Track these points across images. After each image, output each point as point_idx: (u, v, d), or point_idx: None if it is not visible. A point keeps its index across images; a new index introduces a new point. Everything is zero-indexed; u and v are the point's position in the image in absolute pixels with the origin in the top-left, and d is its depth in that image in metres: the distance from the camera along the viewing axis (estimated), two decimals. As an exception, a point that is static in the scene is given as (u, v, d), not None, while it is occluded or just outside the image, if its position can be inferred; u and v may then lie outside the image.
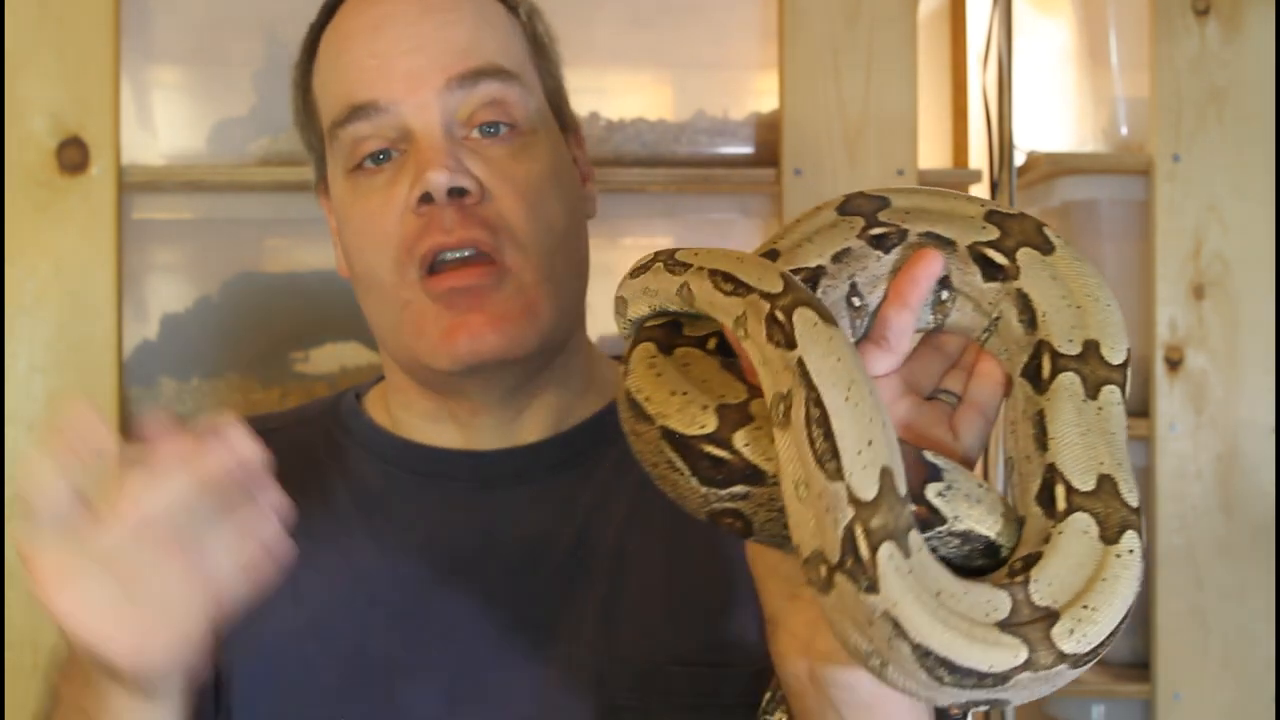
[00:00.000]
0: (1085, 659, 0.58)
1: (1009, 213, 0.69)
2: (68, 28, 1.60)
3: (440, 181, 0.87)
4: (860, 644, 0.57)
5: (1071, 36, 1.97)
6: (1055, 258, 0.66)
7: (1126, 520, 0.59)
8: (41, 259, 1.60)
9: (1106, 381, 0.63)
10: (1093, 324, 0.65)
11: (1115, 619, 0.58)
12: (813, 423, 0.57)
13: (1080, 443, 0.61)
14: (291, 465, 0.98)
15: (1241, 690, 1.75)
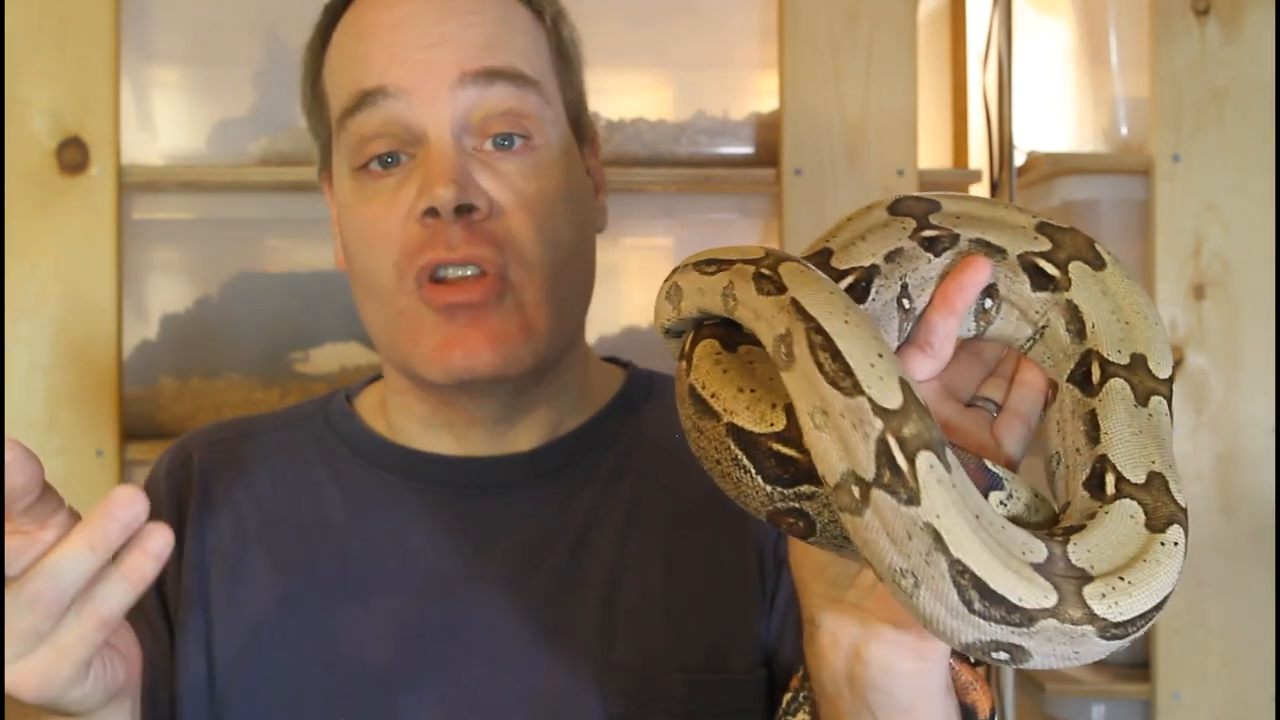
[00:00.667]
0: (1113, 630, 0.56)
1: (1061, 226, 0.69)
2: (68, 28, 1.60)
3: (448, 198, 0.85)
4: (896, 562, 0.55)
5: (1071, 36, 1.97)
6: (1106, 273, 0.67)
7: (1175, 515, 0.60)
8: (41, 259, 1.60)
9: (1155, 392, 0.63)
10: (1140, 339, 0.65)
11: (1151, 600, 0.58)
12: (817, 349, 0.56)
13: (1133, 440, 0.62)
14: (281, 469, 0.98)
15: (1241, 690, 1.75)
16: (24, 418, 1.59)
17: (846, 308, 0.57)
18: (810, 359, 0.56)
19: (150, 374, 1.69)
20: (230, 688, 0.91)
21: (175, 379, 1.69)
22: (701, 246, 0.69)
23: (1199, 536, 1.76)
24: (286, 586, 0.92)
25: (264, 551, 0.93)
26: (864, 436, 0.54)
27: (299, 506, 0.96)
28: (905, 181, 1.69)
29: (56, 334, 1.60)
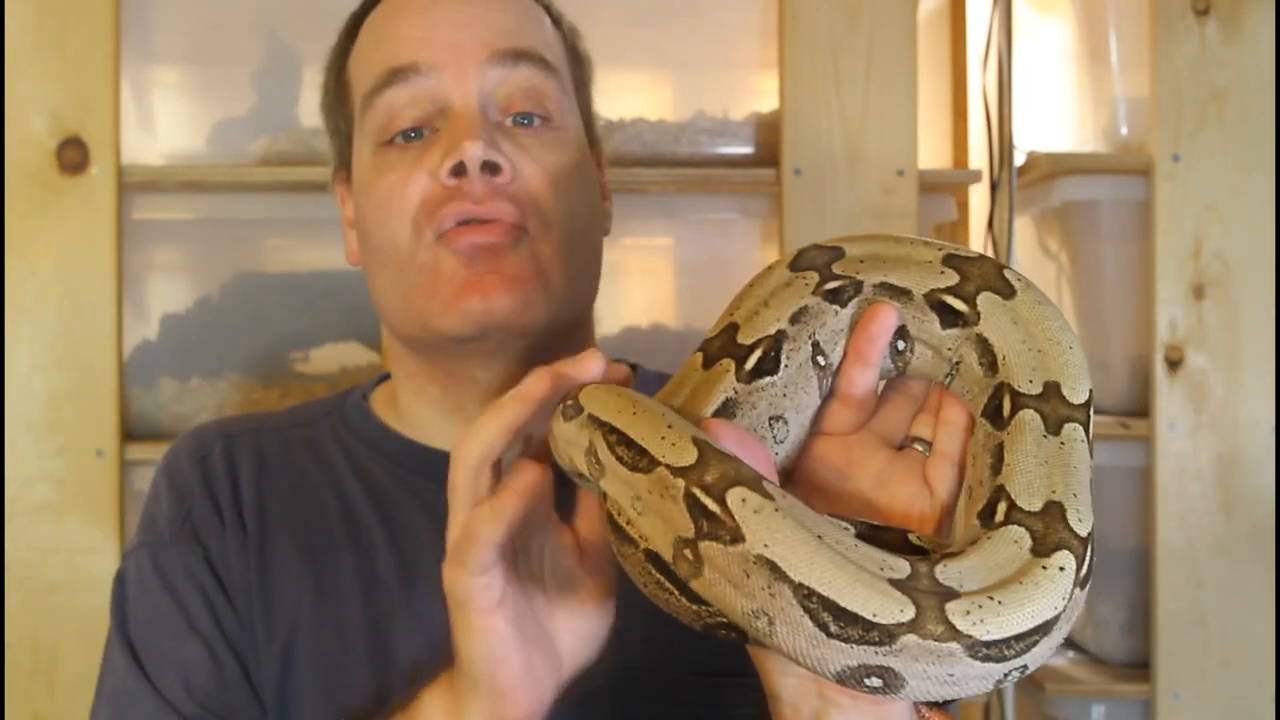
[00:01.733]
0: (983, 649, 0.53)
1: (968, 255, 0.68)
2: (68, 28, 1.60)
3: (476, 153, 0.87)
4: (745, 605, 0.54)
5: (1071, 36, 1.97)
6: (1016, 301, 0.66)
7: (1065, 542, 0.57)
8: (41, 259, 1.60)
9: (1069, 419, 0.61)
10: (1054, 366, 0.63)
11: (1025, 622, 0.54)
12: (614, 446, 0.59)
13: (1035, 470, 0.60)
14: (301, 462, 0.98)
15: (1241, 690, 1.75)
16: (24, 418, 1.59)
17: (633, 402, 0.60)
18: (612, 457, 0.59)
19: (150, 374, 1.69)
20: (266, 674, 0.91)
21: (175, 379, 1.69)
22: (701, 246, 0.70)
23: (1199, 536, 1.76)
24: (316, 575, 0.92)
25: (290, 540, 0.94)
26: (673, 500, 0.55)
27: (321, 498, 0.96)
28: (905, 181, 1.69)
29: (56, 334, 1.60)
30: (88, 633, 1.59)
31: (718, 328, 0.69)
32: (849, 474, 0.68)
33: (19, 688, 1.58)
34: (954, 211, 1.89)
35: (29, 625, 1.58)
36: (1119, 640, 1.87)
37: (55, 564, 1.58)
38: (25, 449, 1.59)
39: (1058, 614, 0.55)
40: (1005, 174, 1.84)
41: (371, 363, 1.72)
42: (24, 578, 1.58)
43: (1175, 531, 1.76)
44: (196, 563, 0.93)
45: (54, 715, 1.58)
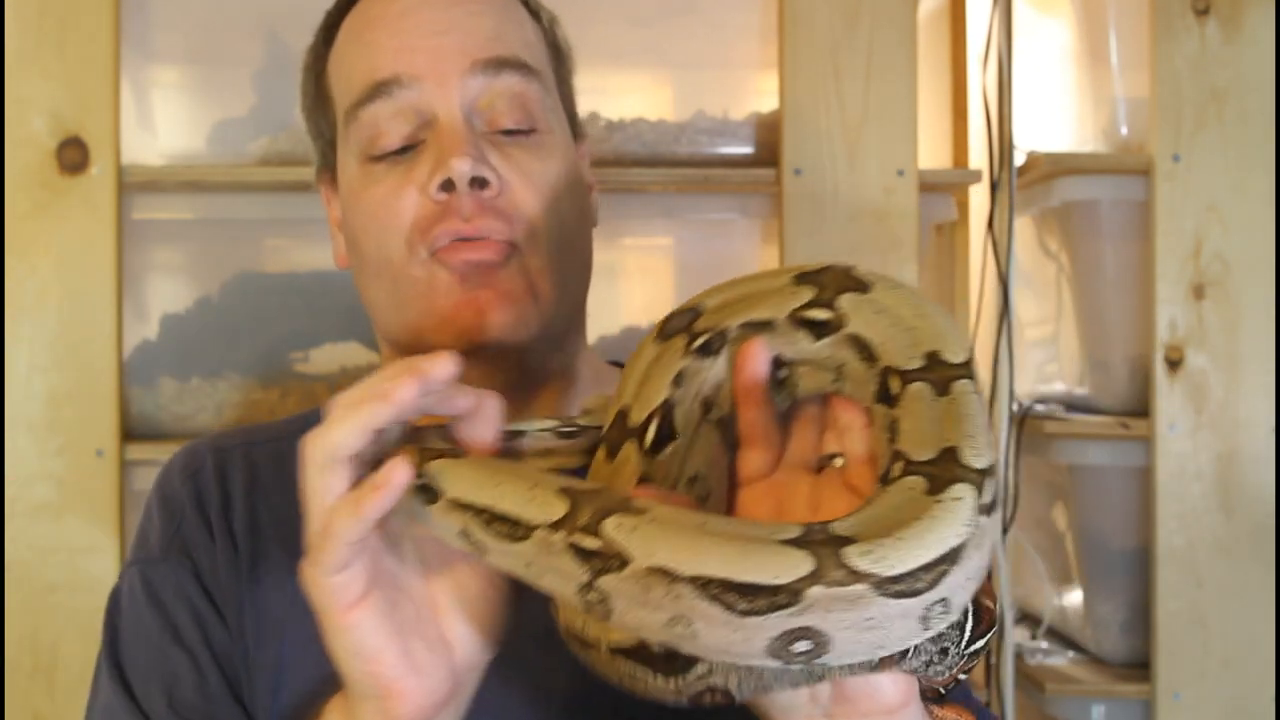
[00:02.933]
0: (890, 584, 0.53)
1: (816, 269, 0.69)
2: (68, 28, 1.60)
3: (464, 170, 0.87)
4: (662, 619, 0.54)
5: (1071, 36, 1.97)
6: (874, 293, 0.67)
7: (961, 476, 0.57)
8: (41, 259, 1.60)
9: (955, 378, 0.62)
10: (928, 337, 0.64)
11: (928, 551, 0.54)
12: (489, 525, 0.60)
13: (928, 428, 0.60)
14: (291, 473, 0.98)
15: (1241, 690, 1.75)
16: (24, 418, 1.59)
17: (492, 474, 0.61)
18: (490, 536, 0.60)
19: (150, 374, 1.69)
20: (259, 687, 0.91)
21: (175, 379, 1.69)
22: (701, 246, 0.71)
23: (1199, 536, 1.76)
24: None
25: (282, 552, 0.93)
26: (560, 554, 0.57)
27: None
28: (905, 181, 1.69)
29: (56, 334, 1.60)
30: (88, 633, 1.59)
31: (610, 421, 0.70)
32: (784, 512, 0.67)
33: (19, 688, 1.58)
34: (954, 211, 1.89)
35: (29, 625, 1.58)
36: (1119, 640, 1.87)
37: (55, 564, 1.58)
38: (25, 449, 1.59)
39: (963, 541, 0.55)
40: (1005, 174, 1.84)
41: (371, 363, 1.72)
42: (24, 578, 1.58)
43: (1175, 531, 1.76)
44: (186, 578, 0.93)
45: (54, 715, 1.58)
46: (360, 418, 0.63)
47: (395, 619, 0.67)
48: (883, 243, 1.69)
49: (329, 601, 0.65)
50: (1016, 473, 1.86)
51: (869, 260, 1.69)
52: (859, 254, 1.69)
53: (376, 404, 0.62)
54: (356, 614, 0.65)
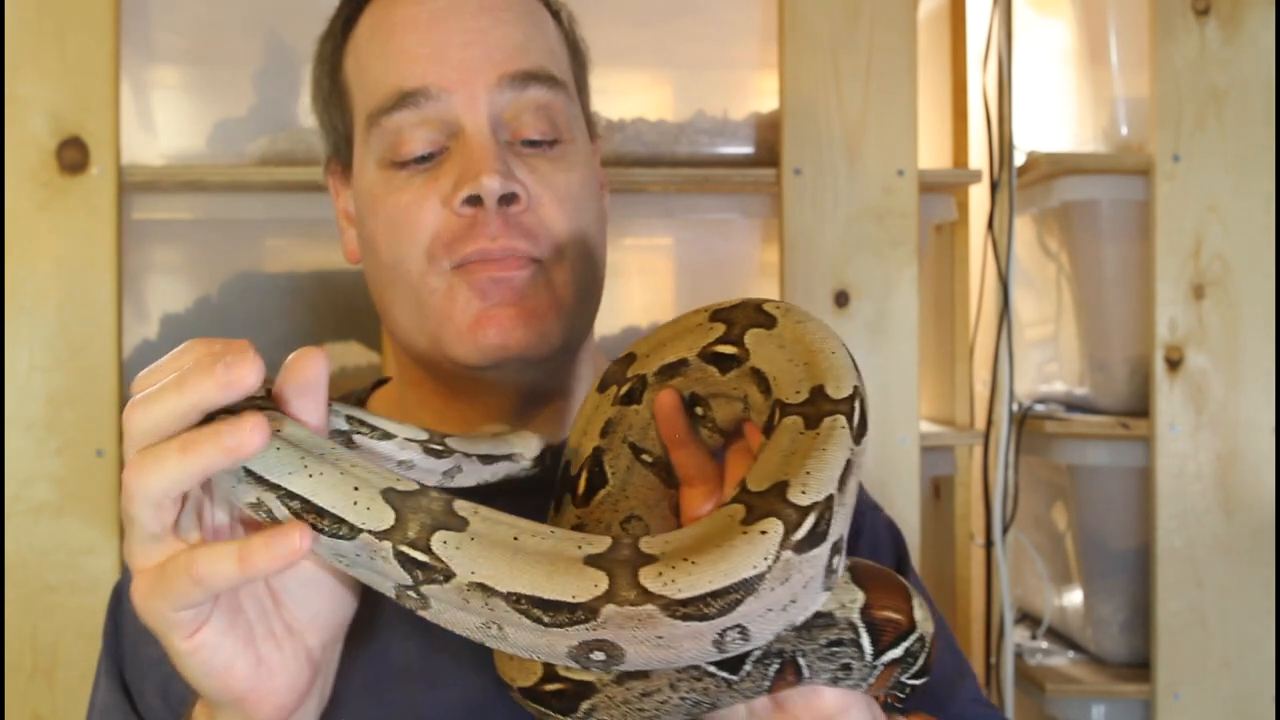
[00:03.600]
0: (679, 608, 0.56)
1: (731, 305, 0.73)
2: (68, 28, 1.60)
3: (494, 188, 0.85)
4: (475, 621, 0.59)
5: (1071, 36, 1.97)
6: (779, 328, 0.70)
7: (777, 511, 0.59)
8: (41, 259, 1.60)
9: (831, 413, 0.64)
10: (818, 371, 0.67)
11: (718, 580, 0.56)
12: (301, 515, 0.60)
13: (776, 460, 0.62)
14: None
15: (1241, 690, 1.75)
16: (24, 418, 1.59)
17: (303, 460, 0.61)
18: (299, 524, 0.59)
19: (150, 374, 1.69)
20: None
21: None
22: (702, 246, 0.72)
23: (1199, 536, 1.76)
24: None
25: None
26: (385, 559, 0.59)
27: None
28: (905, 181, 1.69)
29: (56, 334, 1.60)
30: (88, 633, 1.59)
31: (561, 476, 0.76)
32: None
33: (19, 688, 1.58)
34: (954, 211, 1.89)
35: (29, 625, 1.58)
36: (1119, 640, 1.87)
37: (55, 564, 1.58)
38: (25, 449, 1.59)
39: (759, 573, 0.57)
40: (1005, 174, 1.84)
41: (371, 363, 1.72)
42: (24, 578, 1.58)
43: (1175, 531, 1.76)
44: None
45: (54, 715, 1.58)
46: (197, 463, 0.59)
47: (239, 629, 0.66)
48: (883, 243, 1.69)
49: (171, 631, 0.64)
50: (1016, 473, 1.86)
51: (869, 260, 1.69)
52: (859, 254, 1.69)
53: (216, 454, 0.58)
54: (200, 637, 0.64)
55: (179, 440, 0.59)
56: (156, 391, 0.60)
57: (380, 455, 0.73)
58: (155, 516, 0.61)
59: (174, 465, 0.58)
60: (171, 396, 0.60)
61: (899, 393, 1.69)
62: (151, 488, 0.59)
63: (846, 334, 1.69)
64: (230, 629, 0.65)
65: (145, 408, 0.60)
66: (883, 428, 1.69)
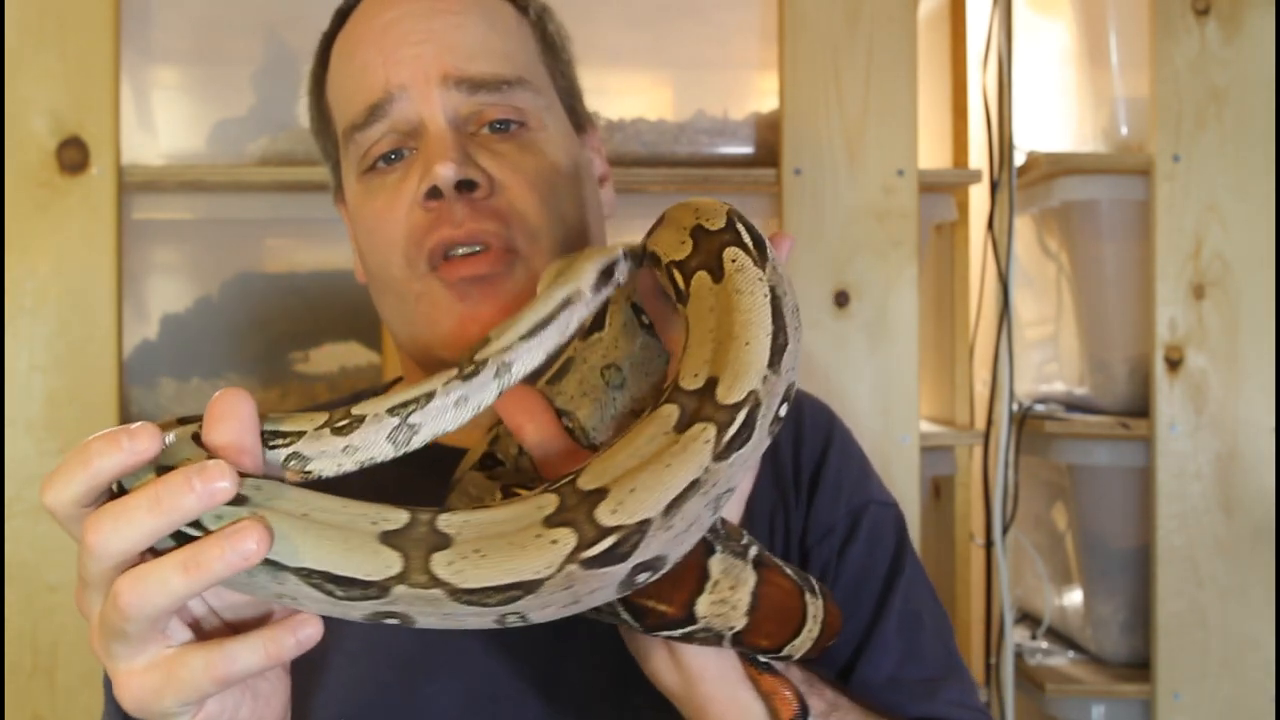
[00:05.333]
0: (464, 596, 0.58)
1: (718, 221, 0.69)
2: (68, 28, 1.60)
3: (447, 175, 0.86)
4: (274, 590, 0.60)
5: (1071, 36, 1.97)
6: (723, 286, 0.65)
7: (571, 521, 0.59)
8: (41, 259, 1.60)
9: (705, 420, 0.61)
10: (721, 361, 0.63)
11: (502, 576, 0.58)
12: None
13: (621, 458, 0.61)
14: None
15: (1241, 690, 1.75)
16: (24, 418, 1.59)
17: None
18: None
19: (150, 374, 1.69)
20: None
21: (175, 379, 1.69)
22: None
23: (1199, 536, 1.76)
24: None
25: None
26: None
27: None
28: (905, 181, 1.69)
29: (56, 334, 1.60)
30: (87, 633, 1.59)
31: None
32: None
33: (19, 688, 1.58)
34: (954, 211, 1.89)
35: (29, 625, 1.58)
36: (1119, 640, 1.87)
37: (55, 564, 1.58)
38: (25, 449, 1.59)
39: (540, 578, 0.58)
40: (1005, 174, 1.84)
41: (371, 363, 1.72)
42: (24, 578, 1.58)
43: (1175, 531, 1.76)
44: None
45: (54, 715, 1.58)
46: (202, 578, 0.57)
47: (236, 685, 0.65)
48: (883, 243, 1.69)
49: (180, 717, 0.64)
50: (1016, 473, 1.86)
51: (869, 260, 1.69)
52: (859, 254, 1.69)
53: (215, 565, 0.57)
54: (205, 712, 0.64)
55: (179, 560, 0.57)
56: (61, 466, 0.59)
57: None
58: (151, 628, 0.60)
59: (178, 583, 0.57)
60: (76, 469, 0.59)
61: (899, 393, 1.69)
62: (154, 606, 0.58)
63: (846, 334, 1.69)
64: (230, 689, 0.65)
65: (116, 528, 0.58)
66: (883, 428, 1.69)
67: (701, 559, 0.68)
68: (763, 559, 0.71)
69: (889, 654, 0.88)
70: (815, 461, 0.96)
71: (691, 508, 0.60)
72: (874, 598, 0.91)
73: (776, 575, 0.71)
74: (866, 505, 0.95)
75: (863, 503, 0.95)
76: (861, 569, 0.92)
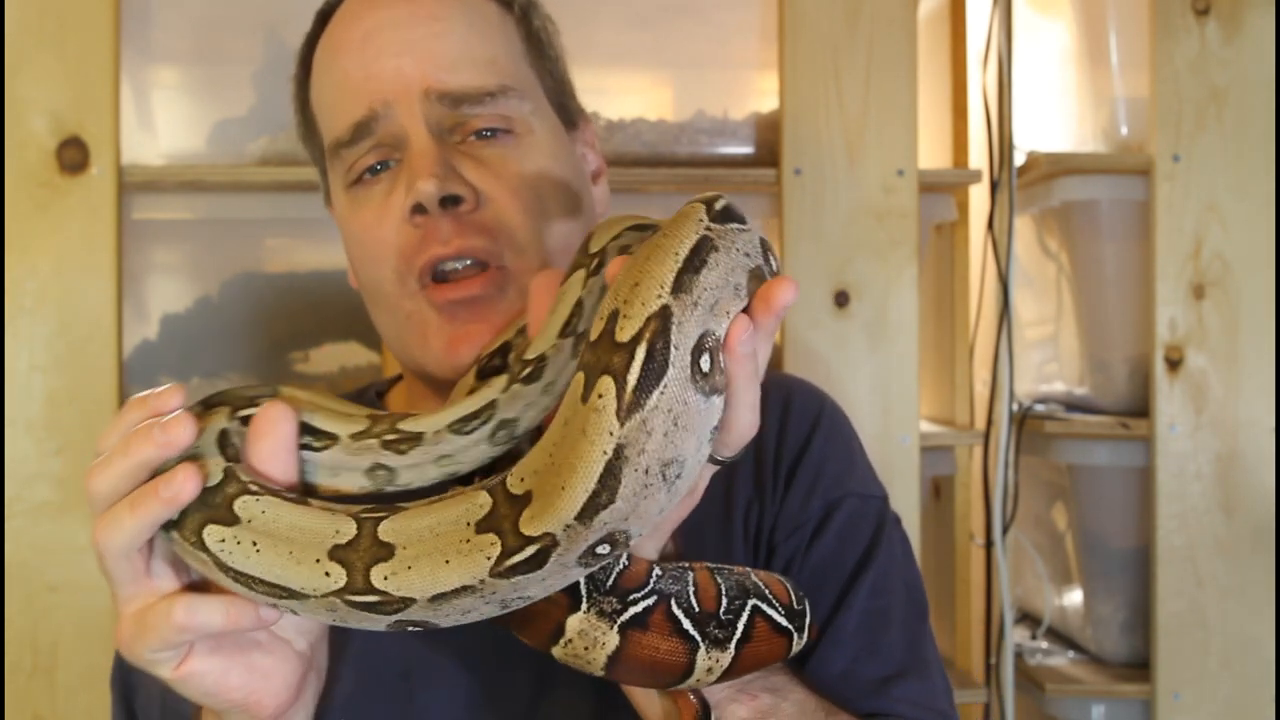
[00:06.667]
0: (383, 605, 0.61)
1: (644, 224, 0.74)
2: (68, 28, 1.60)
3: (430, 191, 0.85)
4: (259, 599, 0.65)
5: (1071, 37, 1.97)
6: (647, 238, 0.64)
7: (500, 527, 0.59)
8: (41, 259, 1.60)
9: (604, 372, 0.56)
10: (624, 291, 0.57)
11: (429, 588, 0.60)
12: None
13: (540, 455, 0.59)
14: None
15: (1241, 690, 1.75)
16: (24, 418, 1.59)
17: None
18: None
19: (150, 374, 1.69)
20: None
21: (175, 379, 1.69)
22: None
23: (1199, 536, 1.76)
24: None
25: None
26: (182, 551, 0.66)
27: None
28: (905, 181, 1.69)
29: (56, 334, 1.60)
30: (88, 633, 1.59)
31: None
32: None
33: (19, 688, 1.58)
34: (954, 211, 1.89)
35: (29, 625, 1.58)
36: (1119, 640, 1.87)
37: (55, 564, 1.58)
38: (25, 449, 1.59)
39: (465, 585, 0.60)
40: (1005, 174, 1.84)
41: (371, 363, 1.72)
42: (24, 577, 1.58)
43: (1175, 531, 1.76)
44: None
45: (54, 715, 1.58)
46: (146, 516, 0.66)
47: (225, 648, 0.69)
48: (883, 243, 1.69)
49: (157, 667, 0.68)
50: (1016, 473, 1.86)
51: (869, 260, 1.69)
52: (859, 254, 1.69)
53: (157, 506, 0.65)
54: (187, 666, 0.68)
55: (128, 500, 0.66)
56: (106, 458, 0.69)
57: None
58: (127, 567, 0.67)
59: (128, 522, 0.65)
60: (119, 460, 0.68)
61: (899, 393, 1.69)
62: (115, 543, 0.66)
63: (846, 334, 1.69)
64: (216, 650, 0.68)
65: (100, 474, 0.68)
66: (883, 428, 1.69)
67: (562, 613, 0.67)
68: (641, 618, 0.67)
69: (843, 650, 0.86)
70: (795, 454, 0.94)
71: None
72: (835, 592, 0.89)
73: (653, 638, 0.67)
74: (844, 498, 0.93)
75: (840, 495, 0.93)
76: (827, 562, 0.90)
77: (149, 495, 0.65)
